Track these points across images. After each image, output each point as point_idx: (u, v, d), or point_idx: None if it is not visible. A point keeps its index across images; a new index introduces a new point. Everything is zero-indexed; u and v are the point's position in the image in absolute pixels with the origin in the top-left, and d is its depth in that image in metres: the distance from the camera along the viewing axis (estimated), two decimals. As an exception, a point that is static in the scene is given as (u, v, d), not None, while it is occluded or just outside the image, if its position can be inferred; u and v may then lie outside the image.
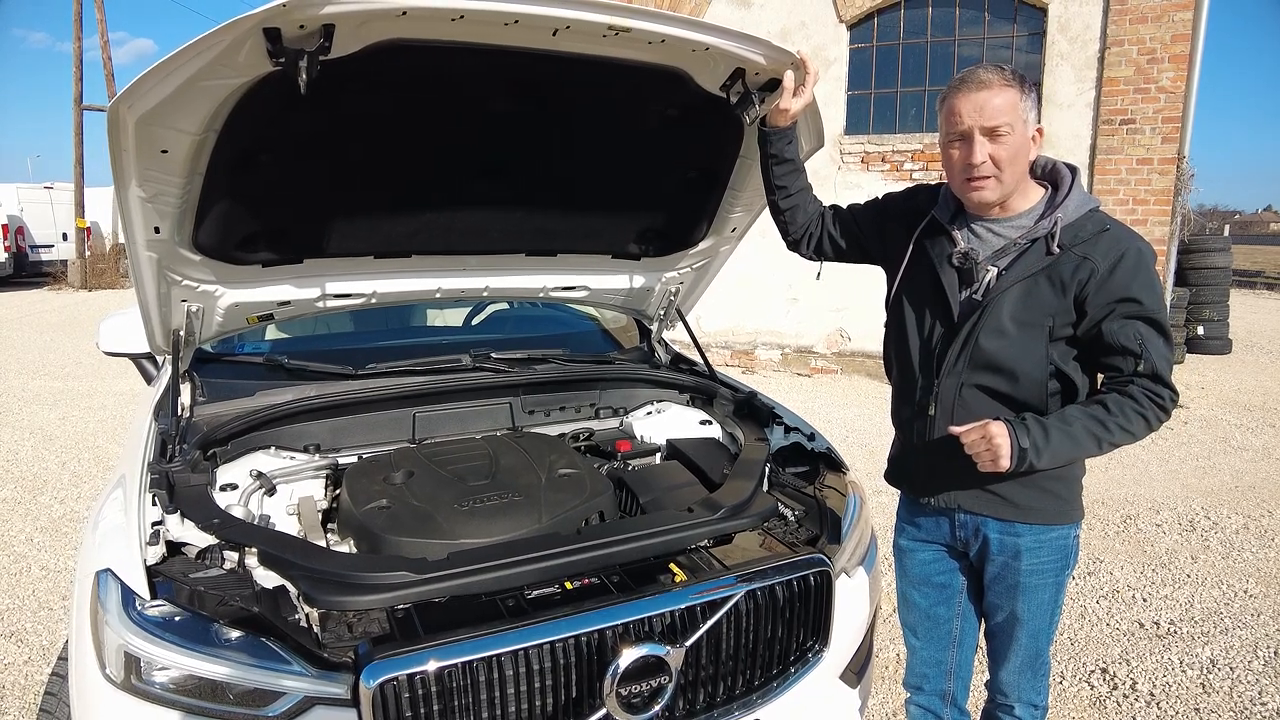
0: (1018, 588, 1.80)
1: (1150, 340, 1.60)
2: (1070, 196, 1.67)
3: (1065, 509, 1.77)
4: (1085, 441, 1.62)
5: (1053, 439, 1.61)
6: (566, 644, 1.49)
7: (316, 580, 1.54)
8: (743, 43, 1.84)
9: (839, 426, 6.55)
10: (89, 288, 17.47)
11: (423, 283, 2.42)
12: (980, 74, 1.63)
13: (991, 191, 1.67)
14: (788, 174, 1.99)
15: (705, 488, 2.17)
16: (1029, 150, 1.66)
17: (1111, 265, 1.59)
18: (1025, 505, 1.74)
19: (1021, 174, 1.67)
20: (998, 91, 1.60)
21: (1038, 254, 1.65)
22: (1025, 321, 1.66)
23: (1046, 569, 1.79)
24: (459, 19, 1.55)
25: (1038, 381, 1.68)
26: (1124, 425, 1.61)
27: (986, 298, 1.69)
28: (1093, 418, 1.62)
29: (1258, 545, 4.25)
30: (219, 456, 2.05)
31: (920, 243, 1.82)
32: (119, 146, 1.57)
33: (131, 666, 1.40)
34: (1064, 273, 1.62)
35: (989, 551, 1.82)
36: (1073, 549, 1.82)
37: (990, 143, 1.62)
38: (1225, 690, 2.91)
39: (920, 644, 2.02)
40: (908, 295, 1.85)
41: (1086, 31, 7.35)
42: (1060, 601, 1.86)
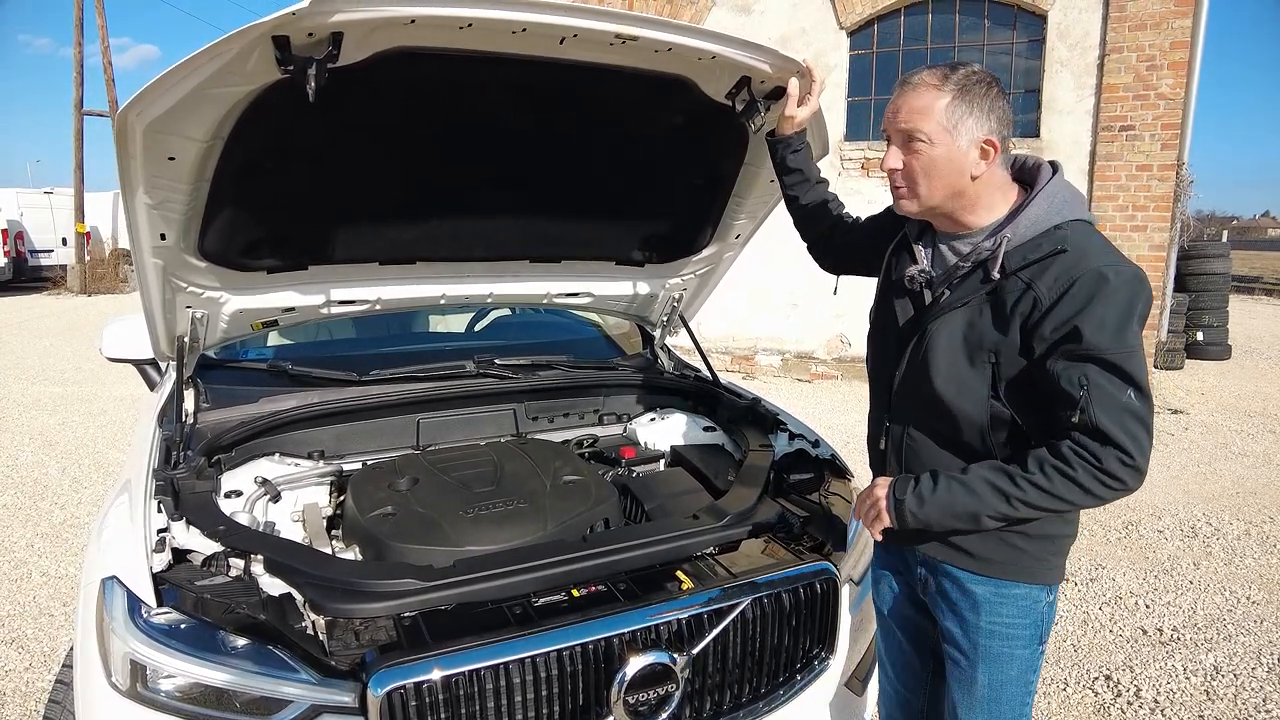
0: (977, 650, 1.54)
1: (1097, 387, 1.32)
2: (1028, 210, 1.42)
3: (1031, 566, 1.51)
4: (988, 497, 1.39)
5: (940, 488, 1.43)
6: (573, 652, 1.48)
7: (323, 587, 1.54)
8: (749, 51, 1.85)
9: (840, 432, 6.54)
10: (88, 293, 17.44)
11: (427, 289, 2.42)
12: (914, 74, 1.44)
13: (908, 202, 1.49)
14: (797, 183, 1.95)
15: (710, 494, 2.17)
16: (962, 166, 1.41)
17: (1058, 294, 1.34)
18: (981, 555, 1.51)
19: (953, 190, 1.44)
20: (919, 94, 1.41)
21: (979, 279, 1.44)
22: (965, 356, 1.44)
23: (1013, 635, 1.52)
24: (467, 27, 1.56)
25: (976, 425, 1.45)
26: (1043, 486, 1.35)
27: (924, 322, 1.51)
28: (1002, 471, 1.39)
29: (1260, 551, 4.25)
30: (224, 463, 2.05)
31: (889, 260, 1.66)
32: (126, 153, 1.58)
33: (137, 674, 1.40)
34: (1008, 302, 1.39)
35: (945, 601, 1.58)
36: (1043, 617, 1.54)
37: (904, 150, 1.45)
38: (1229, 697, 2.91)
39: (889, 681, 1.83)
40: (873, 316, 1.70)
41: (1086, 38, 7.38)
42: (1030, 687, 1.58)
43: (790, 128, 1.92)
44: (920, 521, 1.46)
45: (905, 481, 1.48)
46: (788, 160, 1.95)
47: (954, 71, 1.41)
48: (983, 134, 1.40)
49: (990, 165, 1.43)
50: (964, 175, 1.42)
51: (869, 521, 1.53)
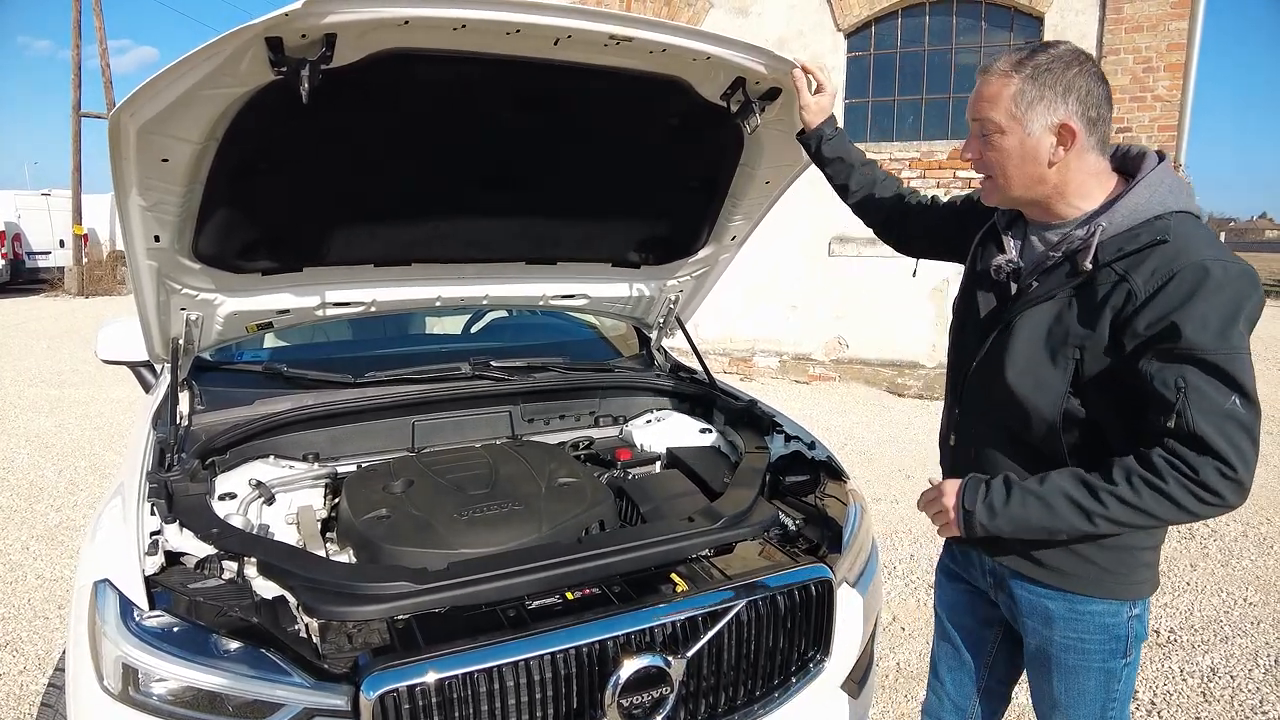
0: (1051, 663, 1.49)
1: (1196, 390, 1.20)
2: (1127, 199, 1.32)
3: (1108, 582, 1.42)
4: (1065, 513, 1.30)
5: (1014, 500, 1.34)
6: (568, 654, 1.48)
7: (316, 590, 1.53)
8: (743, 52, 1.85)
9: (837, 434, 6.54)
10: (86, 295, 17.43)
11: (422, 291, 2.42)
12: (994, 59, 1.37)
13: (991, 194, 1.45)
14: (841, 171, 1.89)
15: (706, 497, 2.16)
16: (1037, 154, 1.34)
17: (1155, 287, 1.24)
18: (1052, 566, 1.44)
19: (1033, 178, 1.37)
20: (990, 81, 1.35)
21: (1068, 270, 1.36)
22: (1047, 350, 1.37)
23: (1090, 650, 1.45)
24: (461, 28, 1.56)
25: (1047, 424, 1.38)
26: (1129, 500, 1.25)
27: (1008, 314, 1.44)
28: (1083, 484, 1.29)
29: (1257, 553, 4.25)
30: (218, 465, 2.04)
31: (975, 250, 1.59)
32: (120, 155, 1.57)
33: (129, 678, 1.39)
34: (1098, 294, 1.31)
35: (1017, 611, 1.54)
36: (1127, 632, 1.44)
37: (980, 141, 1.40)
38: (1226, 698, 2.91)
39: (943, 684, 1.78)
40: (956, 308, 1.64)
41: (1083, 40, 7.37)
42: (1117, 696, 1.49)
43: (813, 117, 1.89)
44: (989, 533, 1.38)
45: (975, 488, 1.39)
46: (823, 150, 1.90)
47: (1032, 55, 1.33)
48: (1057, 119, 1.31)
49: (1072, 151, 1.33)
50: (1040, 164, 1.35)
51: (938, 525, 1.47)
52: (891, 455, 6.03)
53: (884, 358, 8.37)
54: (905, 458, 5.98)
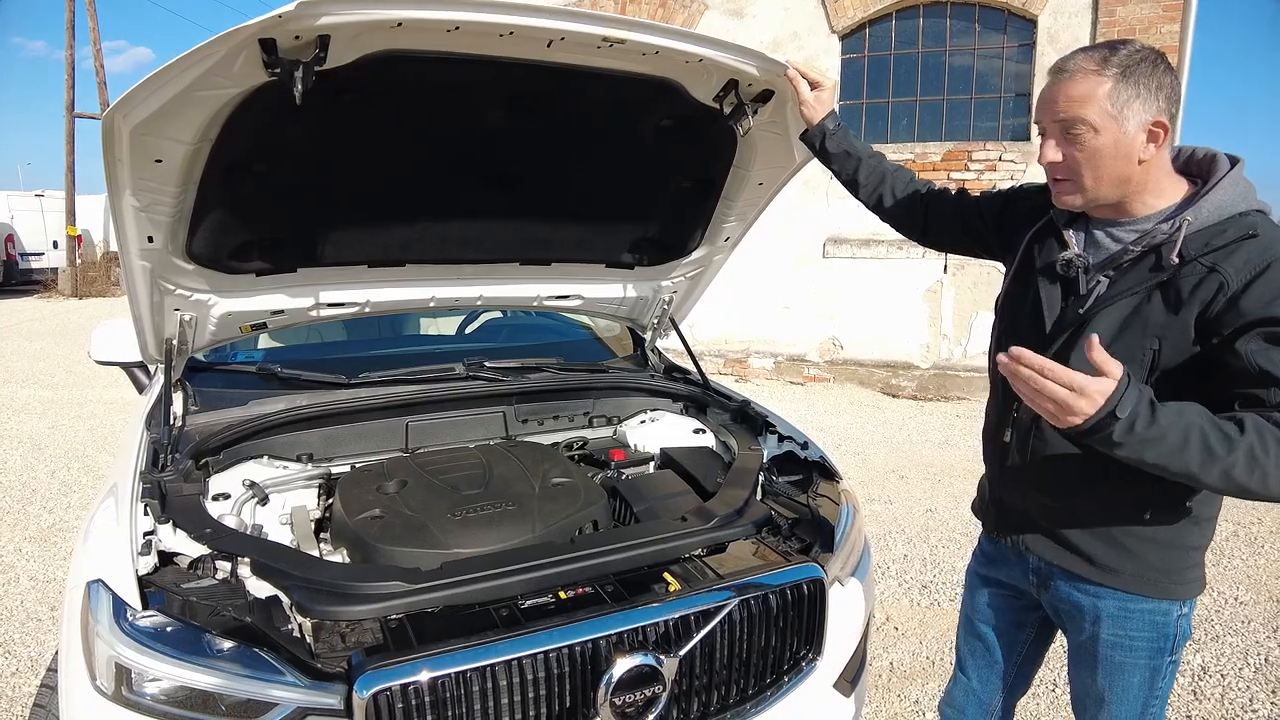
0: (1097, 660, 1.51)
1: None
2: (1211, 196, 1.33)
3: (1160, 580, 1.43)
4: (1195, 452, 1.18)
5: (1159, 422, 1.18)
6: (560, 654, 1.48)
7: (310, 590, 1.53)
8: (736, 54, 1.86)
9: (832, 435, 6.56)
10: (79, 296, 17.38)
11: (417, 291, 2.42)
12: (1069, 60, 1.35)
13: (1072, 196, 1.41)
14: (847, 165, 1.88)
15: (699, 496, 2.17)
16: (1130, 151, 1.33)
17: (1249, 278, 1.25)
18: (1105, 564, 1.45)
19: (1120, 178, 1.36)
20: (1078, 81, 1.32)
21: (1151, 264, 1.35)
22: (1123, 344, 1.35)
23: (1137, 646, 1.47)
24: (454, 30, 1.56)
25: None
26: (1258, 455, 1.17)
27: (1086, 312, 1.42)
28: (1218, 428, 1.19)
29: (1248, 553, 4.28)
30: (211, 466, 2.04)
31: (1031, 245, 1.56)
32: (113, 156, 1.58)
33: (122, 677, 1.39)
34: (1184, 287, 1.30)
35: (1065, 609, 1.55)
36: (1174, 630, 1.46)
37: (1063, 142, 1.37)
38: (1216, 697, 2.93)
39: (967, 681, 1.82)
40: (1010, 302, 1.61)
41: (1075, 43, 7.41)
42: (1159, 692, 1.51)
43: (814, 113, 1.89)
44: (1114, 445, 1.20)
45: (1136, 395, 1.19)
46: (827, 146, 1.89)
47: (1114, 53, 1.32)
48: (1151, 116, 1.31)
49: (1161, 148, 1.34)
50: (1132, 162, 1.34)
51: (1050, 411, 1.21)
52: (885, 456, 6.05)
53: (878, 359, 8.39)
54: (899, 458, 6.00)
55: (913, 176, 1.90)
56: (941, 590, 3.76)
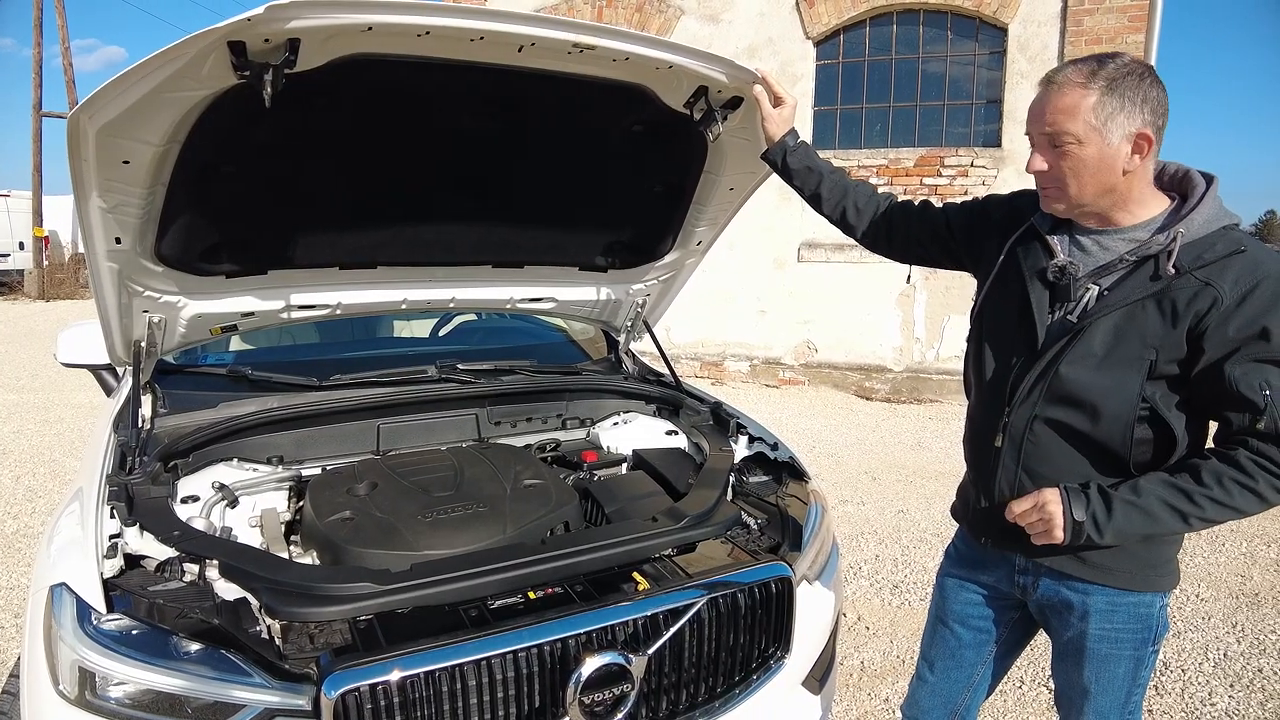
0: (1084, 654, 1.57)
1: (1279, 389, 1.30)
2: (1200, 208, 1.38)
3: (1147, 575, 1.51)
4: (1164, 517, 1.36)
5: (1116, 514, 1.38)
6: (529, 653, 1.49)
7: (278, 591, 1.53)
8: (705, 61, 1.89)
9: (806, 436, 6.61)
10: (47, 298, 17.06)
11: (389, 294, 2.42)
12: (1058, 72, 1.40)
13: (1058, 203, 1.46)
14: (809, 182, 1.90)
15: (670, 497, 2.19)
16: (1115, 163, 1.37)
17: (1242, 294, 1.30)
18: (1096, 563, 1.51)
19: (1105, 188, 1.40)
20: (1064, 93, 1.37)
21: (1148, 274, 1.39)
22: (1121, 352, 1.40)
23: (1122, 638, 1.54)
24: (425, 35, 1.57)
25: (1122, 423, 1.42)
26: (1222, 500, 1.33)
27: (1081, 321, 1.44)
28: (1176, 489, 1.36)
29: (1209, 550, 4.37)
30: (180, 468, 2.03)
31: (1014, 251, 1.58)
32: (79, 157, 1.57)
33: (86, 682, 1.38)
34: (1179, 299, 1.35)
35: (1053, 607, 1.60)
36: (1156, 621, 1.55)
37: (1049, 152, 1.42)
38: (1177, 691, 2.99)
39: (934, 679, 1.84)
40: (992, 310, 1.63)
41: (1045, 51, 7.56)
42: (1141, 681, 1.59)
43: (775, 129, 1.91)
44: (1091, 543, 1.42)
45: (1078, 499, 1.41)
46: (789, 162, 1.91)
47: (1102, 66, 1.36)
48: (1135, 127, 1.35)
49: (1146, 159, 1.38)
50: (1116, 172, 1.38)
51: (1035, 534, 1.46)
52: (858, 457, 6.11)
53: (852, 362, 8.47)
54: (872, 460, 6.07)
55: (874, 190, 1.92)
56: (912, 590, 3.81)
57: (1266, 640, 3.38)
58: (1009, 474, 1.56)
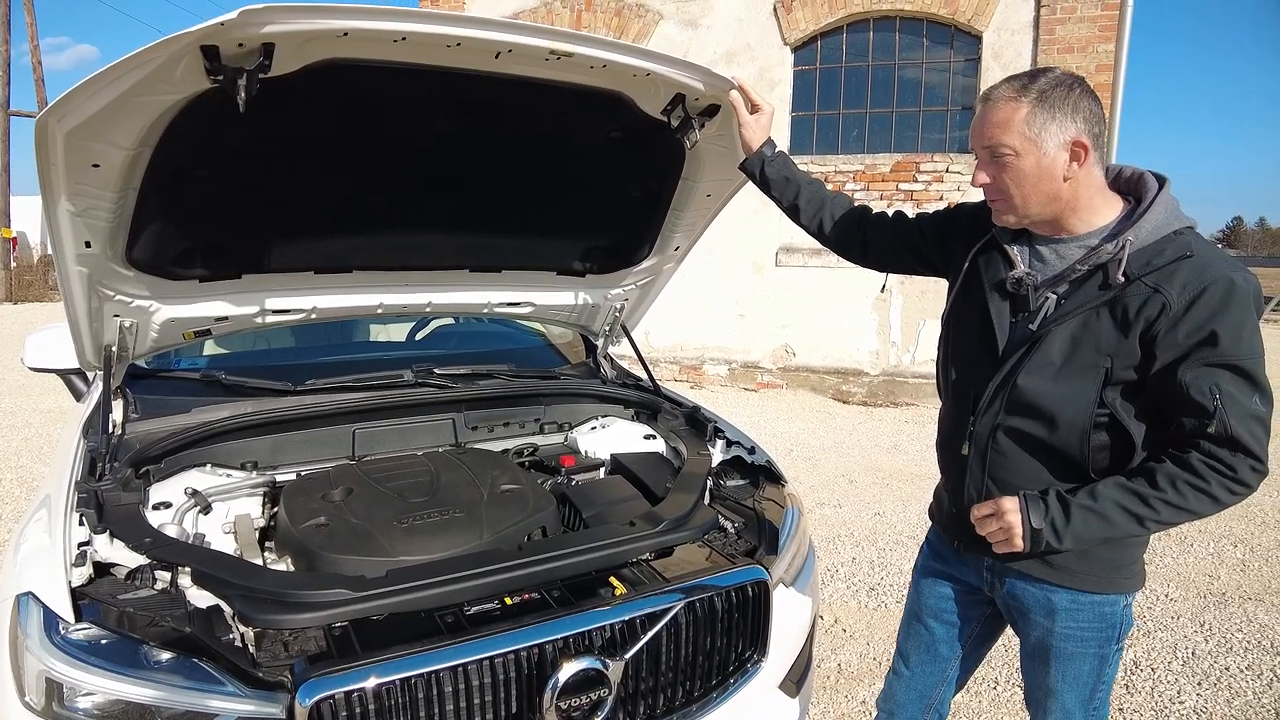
0: (1051, 653, 1.60)
1: (1231, 395, 1.32)
2: (1149, 215, 1.40)
3: (1112, 577, 1.54)
4: (1120, 521, 1.40)
5: (1075, 520, 1.42)
6: (506, 659, 1.49)
7: (252, 599, 1.52)
8: (682, 69, 1.90)
9: (783, 440, 6.65)
10: (14, 300, 16.75)
11: (364, 298, 2.41)
12: (993, 89, 1.44)
13: (1006, 215, 1.50)
14: (788, 192, 1.92)
15: (648, 501, 2.19)
16: (1053, 171, 1.41)
17: (1190, 300, 1.33)
18: (1062, 566, 1.54)
19: (1049, 196, 1.43)
20: (998, 108, 1.42)
21: (1099, 283, 1.42)
22: (1077, 360, 1.43)
23: (1087, 637, 1.57)
24: (401, 41, 1.57)
25: (1079, 430, 1.45)
26: (1176, 503, 1.36)
27: (1040, 330, 1.47)
28: (1132, 493, 1.39)
29: (1178, 551, 4.46)
30: (152, 475, 2.00)
31: (975, 261, 1.62)
32: (47, 160, 1.55)
33: (53, 692, 1.36)
34: (1130, 306, 1.38)
35: (1019, 607, 1.63)
36: (1120, 620, 1.58)
37: (990, 165, 1.46)
38: (1147, 690, 3.04)
39: (909, 674, 1.87)
40: (957, 319, 1.67)
41: (1018, 59, 7.67)
42: (1106, 679, 1.62)
43: (752, 136, 1.92)
44: (1052, 548, 1.46)
45: (1036, 507, 1.45)
46: (766, 172, 1.92)
47: (1033, 80, 1.41)
48: (1069, 136, 1.39)
49: (1084, 166, 1.41)
50: (1056, 180, 1.42)
51: (1000, 544, 1.50)
52: (835, 461, 6.15)
53: (829, 365, 8.54)
54: (849, 463, 6.11)
55: (850, 201, 1.94)
56: (889, 592, 3.84)
57: (1233, 639, 3.45)
58: (976, 481, 1.59)
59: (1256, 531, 4.79)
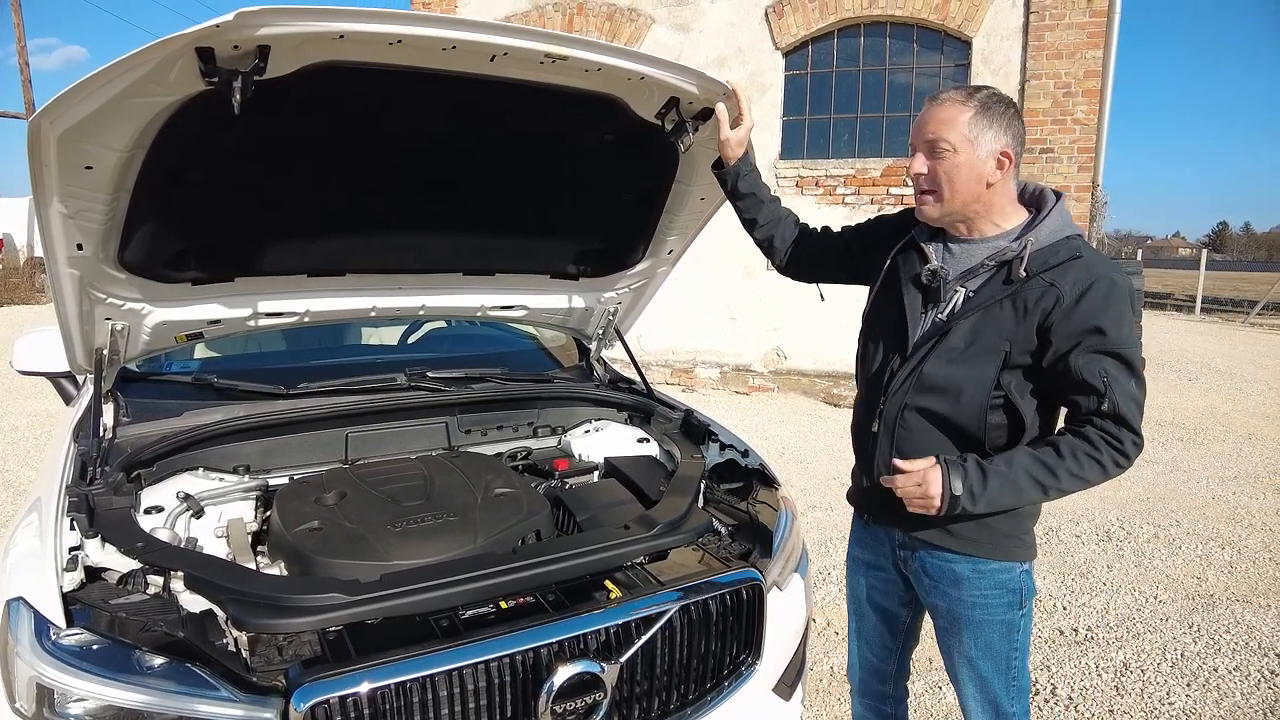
0: (961, 622, 1.73)
1: (1116, 378, 1.51)
2: (1047, 221, 1.60)
3: (1008, 545, 1.68)
4: (1029, 489, 1.55)
5: (991, 485, 1.55)
6: (501, 663, 1.49)
7: (245, 603, 1.51)
8: (676, 73, 1.91)
9: (775, 443, 6.66)
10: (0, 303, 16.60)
11: (357, 301, 2.40)
12: (941, 92, 1.62)
13: (932, 208, 1.65)
14: (752, 206, 2.02)
15: (642, 505, 2.20)
16: (982, 173, 1.58)
17: (1079, 294, 1.52)
18: (962, 535, 1.67)
19: (972, 196, 1.60)
20: (946, 108, 1.58)
21: (1003, 278, 1.59)
22: (979, 344, 1.60)
23: (992, 604, 1.70)
24: (396, 43, 1.57)
25: (978, 408, 1.60)
26: (1075, 472, 1.53)
27: (949, 321, 1.64)
28: (1040, 463, 1.55)
29: (1167, 553, 4.49)
30: (143, 478, 1.99)
31: (895, 259, 1.78)
32: (40, 162, 1.53)
33: (44, 698, 1.34)
34: (1029, 298, 1.55)
35: (927, 581, 1.76)
36: (1021, 586, 1.70)
37: (928, 157, 1.61)
38: (1137, 692, 3.06)
39: (862, 649, 2.01)
40: (876, 313, 1.82)
41: (1008, 64, 7.73)
42: (1019, 646, 1.73)
43: (732, 151, 1.97)
44: (966, 512, 1.58)
45: (956, 472, 1.57)
46: (739, 186, 2.02)
47: (978, 91, 1.60)
48: (1000, 146, 1.58)
49: (1005, 176, 1.60)
50: (981, 183, 1.59)
51: (913, 504, 1.62)
52: (827, 463, 6.17)
53: (820, 369, 8.56)
54: (840, 466, 6.12)
55: (797, 219, 2.08)
56: (880, 594, 3.85)
57: (1221, 640, 3.48)
58: (884, 456, 1.72)
59: (1244, 534, 4.83)
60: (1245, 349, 13.95)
